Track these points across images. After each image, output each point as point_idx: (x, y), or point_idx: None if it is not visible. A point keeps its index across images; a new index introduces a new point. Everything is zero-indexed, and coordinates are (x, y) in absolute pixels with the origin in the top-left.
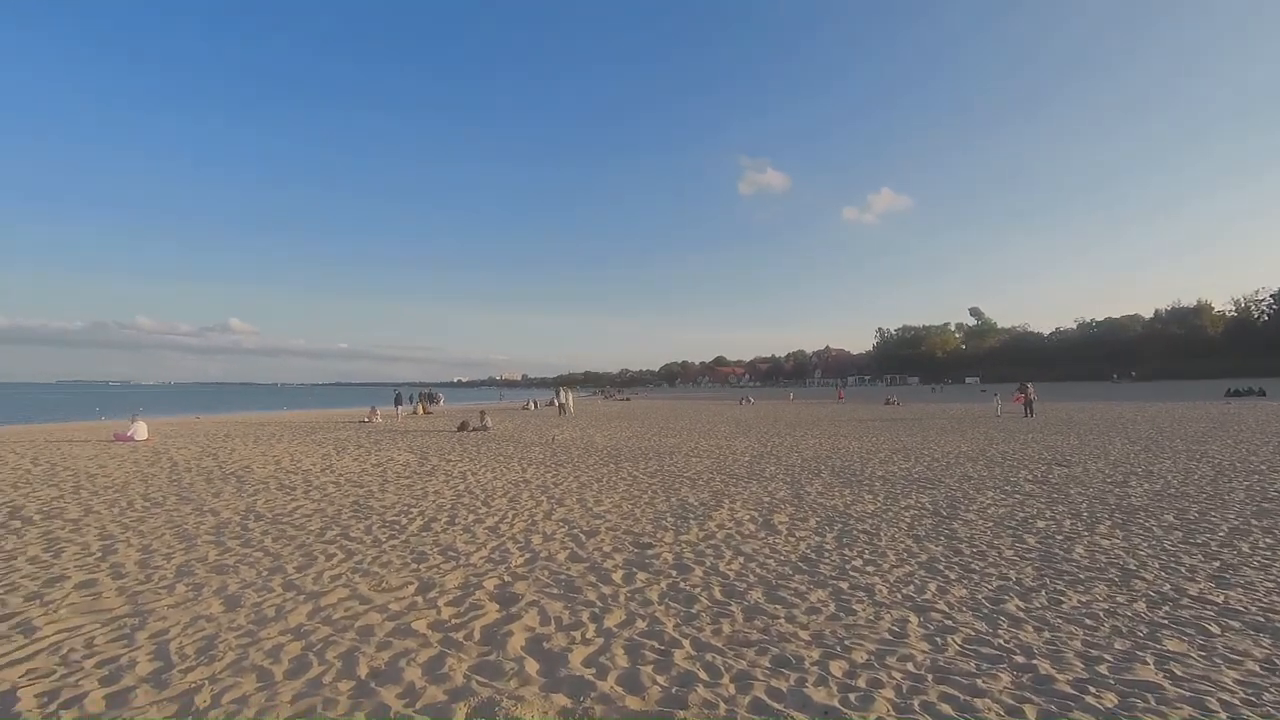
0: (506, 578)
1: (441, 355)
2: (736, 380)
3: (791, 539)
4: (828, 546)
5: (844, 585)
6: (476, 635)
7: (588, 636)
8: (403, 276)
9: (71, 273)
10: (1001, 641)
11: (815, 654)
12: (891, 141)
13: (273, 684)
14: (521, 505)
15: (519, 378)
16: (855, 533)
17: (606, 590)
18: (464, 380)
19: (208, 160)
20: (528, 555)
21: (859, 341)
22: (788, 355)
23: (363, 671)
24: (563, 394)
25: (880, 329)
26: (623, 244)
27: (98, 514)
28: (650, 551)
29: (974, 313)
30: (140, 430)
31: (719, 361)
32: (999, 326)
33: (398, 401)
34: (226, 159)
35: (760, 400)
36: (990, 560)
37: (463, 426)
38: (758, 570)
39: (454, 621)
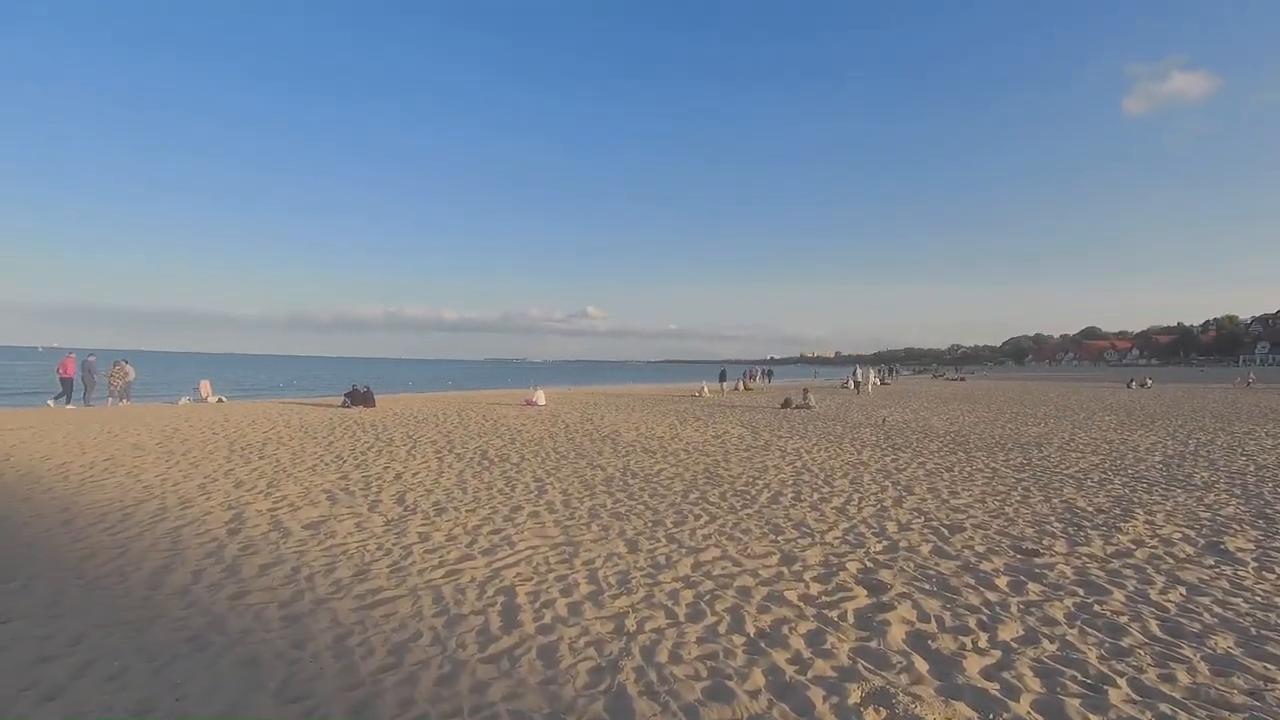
0: (868, 563)
1: (759, 333)
2: (1118, 357)
3: (1269, 575)
4: None
5: None
6: (850, 618)
7: (980, 645)
8: (721, 259)
9: (487, 276)
10: None
11: None
12: None
13: (678, 623)
14: (865, 489)
15: (832, 355)
16: None
17: (991, 596)
18: (777, 357)
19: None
20: (885, 543)
21: None
22: (1205, 323)
23: (750, 630)
24: (859, 372)
25: None
26: (950, 202)
27: (529, 461)
28: (1038, 560)
29: None
30: (540, 397)
31: (1089, 333)
32: None
33: (723, 378)
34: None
35: (1162, 382)
36: None
37: (786, 403)
38: (1215, 609)
39: (824, 599)
